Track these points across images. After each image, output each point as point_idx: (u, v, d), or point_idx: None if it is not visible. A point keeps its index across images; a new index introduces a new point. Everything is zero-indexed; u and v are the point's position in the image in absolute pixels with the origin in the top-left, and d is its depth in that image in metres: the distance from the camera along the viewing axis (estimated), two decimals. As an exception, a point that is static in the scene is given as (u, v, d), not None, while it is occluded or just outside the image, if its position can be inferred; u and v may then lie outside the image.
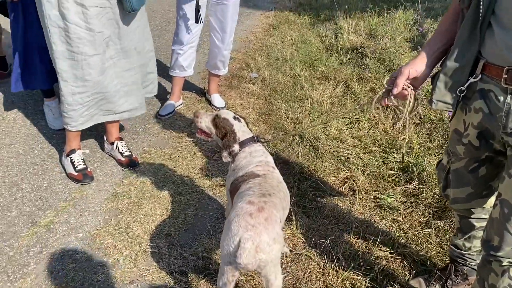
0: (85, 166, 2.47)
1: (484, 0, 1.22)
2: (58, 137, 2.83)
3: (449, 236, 2.12)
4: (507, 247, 1.31)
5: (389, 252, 2.08)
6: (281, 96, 3.70)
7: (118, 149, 2.62)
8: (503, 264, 1.33)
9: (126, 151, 2.64)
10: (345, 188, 2.54)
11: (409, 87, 1.41)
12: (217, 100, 3.49)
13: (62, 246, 2.05)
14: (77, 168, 2.44)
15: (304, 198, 2.43)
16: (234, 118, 1.82)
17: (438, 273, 1.87)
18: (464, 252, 1.75)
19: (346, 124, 3.22)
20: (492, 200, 1.52)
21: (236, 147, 1.76)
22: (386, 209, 2.35)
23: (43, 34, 2.28)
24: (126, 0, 2.21)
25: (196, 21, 2.93)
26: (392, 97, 1.44)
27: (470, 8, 1.27)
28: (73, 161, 2.46)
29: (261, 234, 1.41)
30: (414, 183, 2.50)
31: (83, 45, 2.17)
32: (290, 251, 2.07)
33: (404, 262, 2.03)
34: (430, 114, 3.14)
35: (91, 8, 2.12)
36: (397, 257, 2.06)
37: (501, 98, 1.25)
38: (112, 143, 2.65)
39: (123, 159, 2.61)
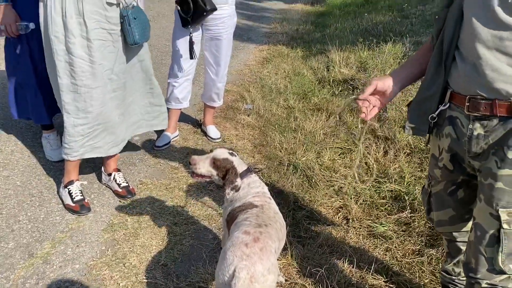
0: (82, 197, 2.50)
1: (446, 37, 1.37)
2: (55, 169, 2.87)
3: (441, 264, 2.16)
4: (482, 268, 1.38)
5: (383, 281, 2.11)
6: (275, 127, 3.79)
7: (116, 180, 2.66)
8: (482, 286, 1.39)
9: (123, 182, 2.68)
10: (338, 217, 2.58)
11: (369, 104, 1.51)
12: (213, 131, 3.57)
13: (58, 277, 2.06)
14: (74, 199, 2.47)
15: (299, 227, 2.46)
16: (231, 154, 1.87)
17: (432, 300, 1.90)
18: (454, 278, 1.79)
19: (339, 154, 3.29)
20: None
21: (238, 181, 1.80)
22: (379, 238, 2.39)
23: (44, 68, 2.37)
24: (129, 33, 2.30)
25: (191, 57, 3.04)
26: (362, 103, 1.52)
27: (436, 44, 1.42)
28: (70, 192, 2.49)
29: (255, 264, 1.44)
30: (406, 211, 2.55)
31: (86, 78, 2.24)
32: (286, 280, 2.09)
33: (398, 290, 2.06)
34: (420, 144, 3.23)
35: (95, 41, 2.21)
36: (391, 285, 2.08)
37: (465, 124, 1.37)
38: (110, 174, 2.69)
39: (120, 190, 2.64)
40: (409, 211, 2.55)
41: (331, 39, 6.29)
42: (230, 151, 1.89)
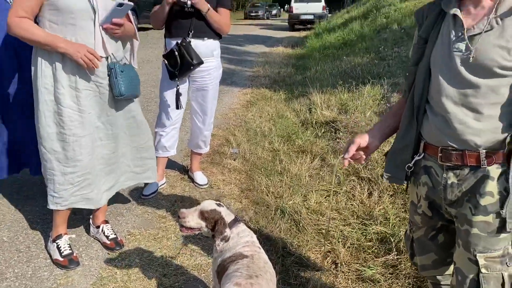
0: (71, 251, 2.49)
1: (416, 92, 1.49)
2: (42, 222, 2.85)
3: (429, 307, 2.19)
4: None
5: (374, 326, 2.12)
6: (262, 170, 3.85)
7: (104, 232, 2.66)
8: None
9: (112, 234, 2.68)
10: (327, 262, 2.61)
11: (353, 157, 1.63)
12: (200, 177, 3.61)
13: (46, 337, 2.02)
14: (63, 254, 2.46)
15: (289, 275, 2.48)
16: (218, 205, 1.91)
17: None
18: (441, 322, 1.83)
19: (325, 197, 3.36)
20: None
21: (228, 231, 1.84)
22: (367, 281, 2.42)
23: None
24: (115, 85, 2.36)
25: (177, 108, 3.14)
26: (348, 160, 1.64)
27: (408, 99, 1.55)
28: (59, 246, 2.48)
29: (248, 317, 1.46)
30: (393, 254, 2.59)
31: (75, 127, 2.30)
32: (277, 330, 2.09)
33: (389, 335, 2.07)
34: (403, 185, 3.32)
35: (83, 90, 2.29)
36: (382, 331, 2.10)
37: (440, 174, 1.46)
38: (98, 227, 2.69)
39: (108, 242, 2.64)
40: (395, 253, 2.60)
41: (312, 81, 6.52)
42: (217, 202, 1.93)
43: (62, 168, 2.34)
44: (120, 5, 2.21)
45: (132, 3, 2.35)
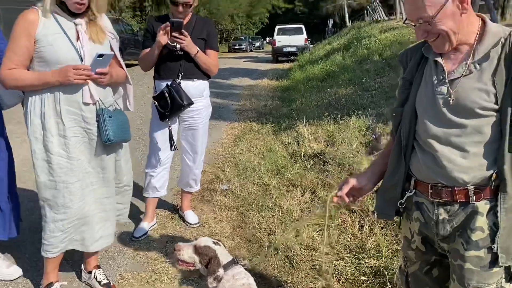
0: (62, 299, 2.44)
1: (403, 132, 1.55)
2: (33, 270, 2.79)
3: None
4: None
5: None
6: (253, 206, 3.85)
7: (96, 278, 2.62)
8: None
9: (104, 279, 2.63)
10: (323, 299, 2.60)
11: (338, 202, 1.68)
12: (191, 216, 3.59)
13: None
14: (54, 303, 2.41)
15: (285, 314, 2.46)
16: (214, 243, 1.93)
17: None
18: None
19: (317, 231, 3.36)
20: None
21: (221, 271, 1.84)
22: (364, 318, 2.41)
23: None
24: (103, 131, 2.37)
25: (171, 149, 3.17)
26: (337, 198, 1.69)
27: (396, 137, 1.60)
28: (50, 295, 2.43)
29: None
30: (387, 287, 2.60)
31: (64, 174, 2.29)
32: None
33: None
34: (393, 220, 3.35)
35: (72, 138, 2.30)
36: None
37: (431, 209, 1.51)
38: (90, 272, 2.64)
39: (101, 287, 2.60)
40: (390, 286, 2.60)
41: (298, 114, 6.62)
42: (215, 241, 1.95)
43: (53, 216, 2.33)
44: (100, 56, 2.21)
45: (113, 52, 2.38)
